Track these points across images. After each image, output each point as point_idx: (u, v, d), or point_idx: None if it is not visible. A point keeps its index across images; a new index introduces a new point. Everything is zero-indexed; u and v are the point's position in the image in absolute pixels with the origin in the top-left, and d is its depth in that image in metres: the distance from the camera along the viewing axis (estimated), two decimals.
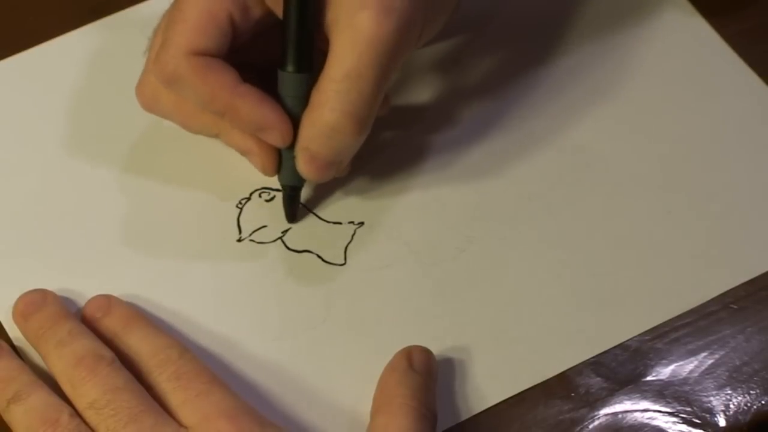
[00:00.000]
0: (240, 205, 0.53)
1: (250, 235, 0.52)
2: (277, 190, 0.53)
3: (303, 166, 0.49)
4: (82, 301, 0.50)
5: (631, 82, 0.57)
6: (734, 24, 0.58)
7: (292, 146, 0.49)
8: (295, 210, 0.52)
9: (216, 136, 0.51)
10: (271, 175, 0.51)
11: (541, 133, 0.55)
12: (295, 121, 0.48)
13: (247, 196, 0.53)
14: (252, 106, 0.48)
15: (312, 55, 0.48)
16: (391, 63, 0.47)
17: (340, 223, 0.53)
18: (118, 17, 0.58)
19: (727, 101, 0.56)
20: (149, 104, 0.51)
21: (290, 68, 0.48)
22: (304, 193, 0.53)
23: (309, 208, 0.53)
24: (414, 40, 0.48)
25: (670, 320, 0.50)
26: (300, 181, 0.51)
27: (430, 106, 0.56)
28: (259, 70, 0.50)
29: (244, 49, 0.50)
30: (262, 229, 0.52)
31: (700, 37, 0.58)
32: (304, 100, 0.48)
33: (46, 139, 0.55)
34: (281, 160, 0.50)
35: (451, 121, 0.55)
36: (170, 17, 0.49)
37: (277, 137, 0.49)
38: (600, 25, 0.58)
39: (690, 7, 0.59)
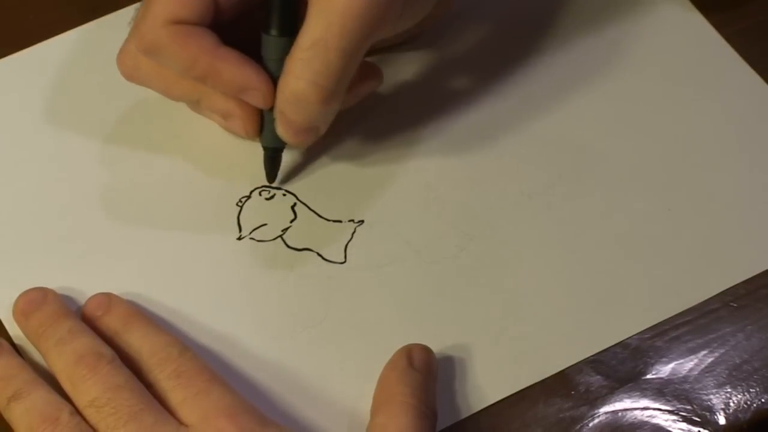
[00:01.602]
0: (240, 203, 0.53)
1: (250, 233, 0.52)
2: (277, 188, 0.53)
3: (281, 129, 0.49)
4: (82, 300, 0.50)
5: (631, 80, 0.57)
6: (734, 22, 0.58)
7: (272, 109, 0.49)
8: (276, 170, 0.52)
9: (197, 102, 0.51)
10: (253, 138, 0.51)
11: (541, 131, 0.55)
12: (275, 85, 0.49)
13: (247, 194, 0.53)
14: (233, 67, 0.48)
15: (296, 20, 0.48)
16: (362, 37, 0.47)
17: (340, 221, 0.53)
18: (117, 16, 0.58)
19: (727, 99, 0.56)
20: (130, 73, 0.52)
21: (273, 32, 0.49)
22: (304, 192, 0.53)
23: (309, 207, 0.53)
24: (389, 21, 0.48)
25: (669, 318, 0.50)
26: (281, 143, 0.51)
27: (430, 104, 0.56)
28: (245, 44, 0.50)
29: (231, 29, 0.50)
30: (262, 228, 0.52)
31: (700, 36, 0.58)
32: (283, 63, 0.48)
33: (46, 137, 0.55)
34: (263, 123, 0.51)
35: (451, 120, 0.55)
36: None
37: (258, 97, 0.49)
38: (600, 23, 0.58)
39: (690, 5, 0.59)
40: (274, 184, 0.53)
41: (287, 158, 0.53)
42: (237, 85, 0.49)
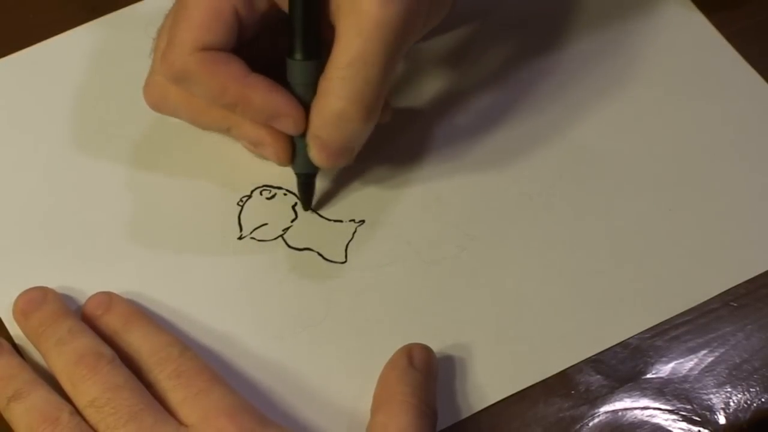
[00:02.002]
0: (241, 203, 0.53)
1: (251, 232, 0.52)
2: (278, 188, 0.53)
3: (315, 153, 0.49)
4: (82, 299, 0.50)
5: (632, 80, 0.57)
6: (735, 22, 0.58)
7: (304, 134, 0.49)
8: (310, 197, 0.52)
9: (227, 130, 0.51)
10: (286, 165, 0.51)
11: (542, 131, 0.55)
12: (306, 109, 0.48)
13: (248, 193, 0.53)
14: (263, 94, 0.48)
15: (320, 41, 0.48)
16: (397, 48, 0.46)
17: (341, 221, 0.53)
18: (118, 15, 0.58)
19: (728, 99, 0.56)
20: (158, 104, 0.51)
21: (298, 56, 0.48)
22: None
23: (310, 206, 0.53)
24: (419, 26, 0.48)
25: (670, 318, 0.50)
26: (314, 168, 0.51)
27: (431, 103, 0.56)
28: (267, 65, 0.50)
29: (251, 44, 0.50)
30: (263, 227, 0.52)
31: (701, 35, 0.58)
32: (313, 87, 0.48)
33: (47, 136, 0.55)
34: (295, 148, 0.50)
35: (451, 119, 0.55)
36: (175, 15, 0.48)
37: (290, 124, 0.48)
38: (600, 22, 0.58)
39: (690, 5, 0.59)
40: (274, 185, 0.53)
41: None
42: (268, 113, 0.48)
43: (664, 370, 0.49)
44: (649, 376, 0.49)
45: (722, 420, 0.48)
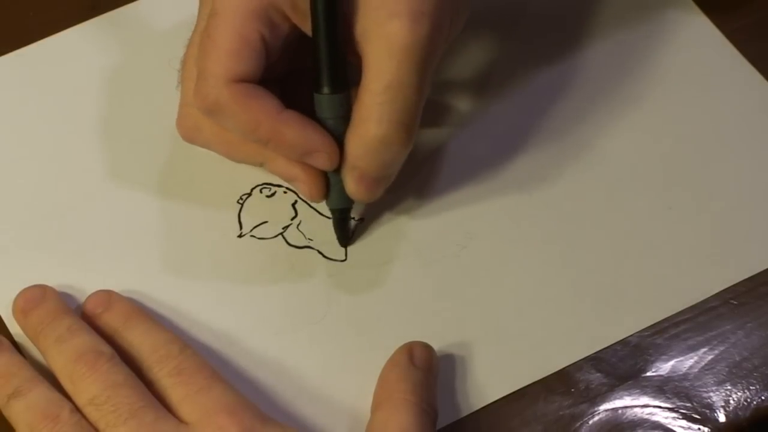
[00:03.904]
0: (241, 201, 0.53)
1: (251, 230, 0.52)
2: (278, 185, 0.53)
3: (353, 186, 0.48)
4: (82, 297, 0.50)
5: (632, 79, 0.57)
6: (735, 20, 0.58)
7: (337, 170, 0.48)
8: (347, 232, 0.51)
9: (261, 164, 0.50)
10: (320, 201, 0.50)
11: (542, 129, 0.55)
12: (337, 143, 0.48)
13: (248, 191, 0.53)
14: (297, 130, 0.47)
15: (346, 73, 0.47)
16: (429, 67, 0.46)
17: None
18: (118, 13, 0.58)
19: (728, 97, 0.56)
20: (191, 136, 0.50)
21: (326, 90, 0.47)
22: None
23: (310, 204, 0.53)
24: (444, 41, 0.48)
25: (670, 316, 0.50)
26: (349, 203, 0.50)
27: (431, 102, 0.56)
28: (282, 82, 0.50)
29: (275, 71, 0.49)
30: (263, 225, 0.52)
31: (701, 33, 0.58)
32: (344, 120, 0.47)
33: (47, 134, 0.55)
34: (329, 184, 0.49)
35: (452, 118, 0.55)
36: (202, 46, 0.47)
37: (324, 160, 0.48)
38: (600, 21, 0.58)
39: (690, 3, 0.59)
40: (274, 182, 0.53)
41: None
42: (301, 149, 0.47)
43: (664, 368, 0.49)
44: (649, 374, 0.49)
45: (722, 418, 0.48)
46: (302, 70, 0.50)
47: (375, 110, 0.46)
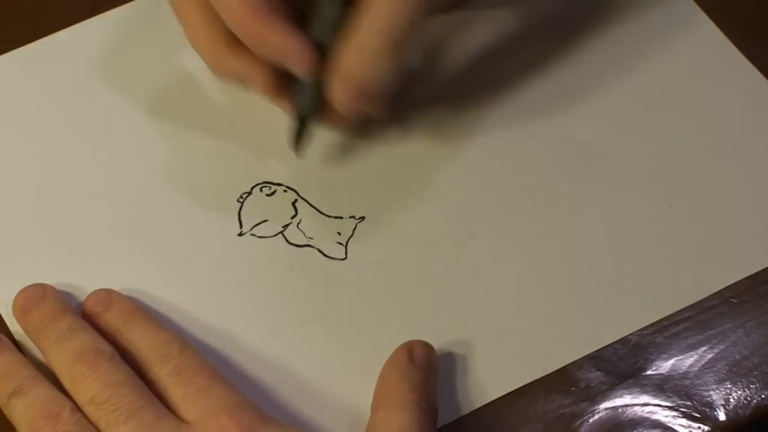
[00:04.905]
0: (241, 200, 0.53)
1: (251, 229, 0.52)
2: (278, 184, 0.53)
3: (340, 92, 0.49)
4: (82, 296, 0.50)
5: (632, 77, 0.57)
6: (735, 18, 0.58)
7: (314, 80, 0.49)
8: (302, 139, 0.52)
9: (213, 61, 0.51)
10: (273, 93, 0.50)
11: (542, 127, 0.55)
12: (324, 51, 0.48)
13: (248, 190, 0.53)
14: (278, 31, 0.48)
15: None
16: None
17: (341, 218, 0.53)
18: (117, 12, 0.58)
19: (728, 96, 0.56)
20: (176, 6, 0.51)
21: None
22: (305, 188, 0.53)
23: (310, 203, 0.53)
24: None
25: (670, 314, 0.50)
26: (313, 111, 0.50)
27: (430, 101, 0.56)
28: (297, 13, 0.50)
29: None
30: (263, 224, 0.52)
31: (701, 32, 0.58)
32: (336, 31, 0.48)
33: (47, 133, 0.55)
34: (296, 88, 0.50)
35: (451, 116, 0.55)
36: None
37: (298, 63, 0.48)
38: (600, 19, 0.58)
39: (690, 1, 0.59)
40: (274, 181, 0.53)
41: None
42: (278, 50, 0.48)
43: (664, 366, 0.49)
44: (649, 372, 0.49)
45: (722, 416, 0.48)
46: None
47: (373, 20, 0.47)
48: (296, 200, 0.53)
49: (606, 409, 0.48)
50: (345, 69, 0.48)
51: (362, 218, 0.53)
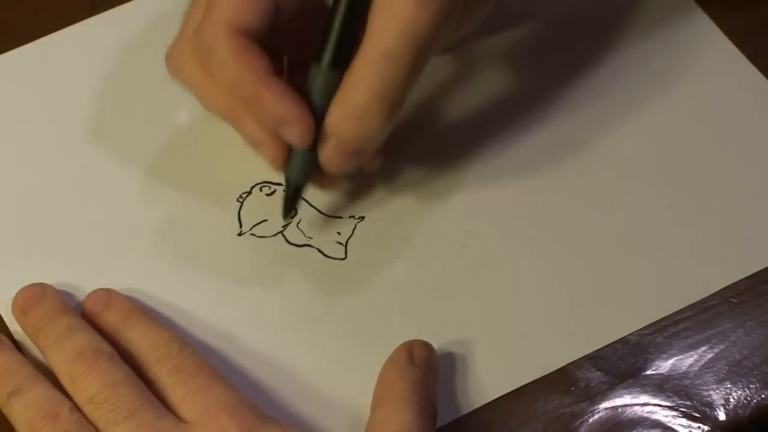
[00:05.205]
0: (240, 199, 0.53)
1: (251, 229, 0.52)
2: (278, 184, 0.53)
3: (328, 153, 0.48)
4: (82, 295, 0.50)
5: (631, 77, 0.57)
6: (735, 18, 0.58)
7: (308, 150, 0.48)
8: (293, 207, 0.51)
9: (229, 120, 0.50)
10: (281, 169, 0.50)
11: (542, 128, 0.55)
12: (318, 119, 0.47)
13: (248, 190, 0.53)
14: (277, 98, 0.47)
15: (350, 53, 0.47)
16: (427, 49, 0.46)
17: (341, 218, 0.53)
18: (117, 11, 0.58)
19: (728, 96, 0.56)
20: (176, 70, 0.50)
21: (326, 62, 0.47)
22: (305, 188, 0.52)
23: (310, 203, 0.53)
24: (451, 29, 0.48)
25: (670, 314, 0.50)
26: (306, 179, 0.50)
27: (431, 101, 0.56)
28: (291, 48, 0.50)
29: (276, 37, 0.49)
30: (263, 224, 0.52)
31: (701, 31, 0.58)
32: (328, 99, 0.47)
33: (47, 132, 0.55)
34: (289, 157, 0.49)
35: (451, 117, 0.55)
36: None
37: (296, 134, 0.47)
38: (599, 19, 0.58)
39: (690, 1, 0.59)
40: (274, 181, 0.53)
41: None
42: (277, 118, 0.47)
43: (664, 366, 0.49)
44: (648, 372, 0.49)
45: (722, 416, 0.48)
46: (311, 41, 0.49)
47: (364, 79, 0.46)
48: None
49: (606, 409, 0.48)
50: (335, 128, 0.47)
51: (362, 218, 0.53)
